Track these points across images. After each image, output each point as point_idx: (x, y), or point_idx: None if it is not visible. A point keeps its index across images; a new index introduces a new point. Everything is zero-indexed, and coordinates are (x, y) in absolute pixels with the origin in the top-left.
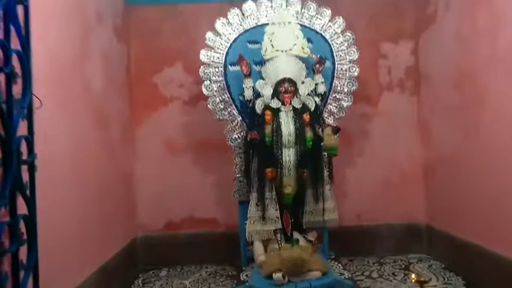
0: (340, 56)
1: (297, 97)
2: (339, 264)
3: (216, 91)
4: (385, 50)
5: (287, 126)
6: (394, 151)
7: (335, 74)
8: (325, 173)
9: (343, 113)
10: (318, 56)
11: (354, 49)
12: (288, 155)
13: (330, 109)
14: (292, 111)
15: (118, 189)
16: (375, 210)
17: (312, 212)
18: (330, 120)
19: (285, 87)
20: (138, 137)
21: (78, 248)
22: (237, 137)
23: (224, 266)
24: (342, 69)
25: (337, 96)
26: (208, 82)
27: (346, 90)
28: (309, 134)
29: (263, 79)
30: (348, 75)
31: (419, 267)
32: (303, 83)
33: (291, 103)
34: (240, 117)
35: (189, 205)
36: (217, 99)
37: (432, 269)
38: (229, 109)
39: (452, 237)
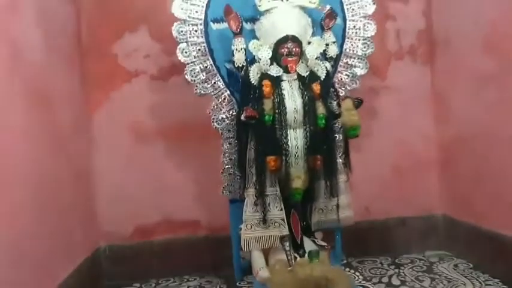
0: (353, 10)
1: (302, 62)
2: (356, 273)
3: (195, 57)
4: (394, 11)
5: (292, 100)
6: (405, 131)
7: (346, 34)
8: (339, 160)
9: (356, 83)
10: (329, 7)
11: (369, 1)
12: (295, 138)
13: (341, 78)
14: (297, 81)
15: (72, 190)
16: (384, 201)
17: (323, 209)
18: (341, 93)
19: (288, 48)
20: (96, 123)
21: (22, 272)
22: (224, 117)
23: (209, 277)
24: (354, 26)
25: (349, 62)
26: (184, 45)
27: (360, 53)
28: (320, 109)
29: (257, 39)
30: (362, 34)
31: (443, 268)
32: (309, 43)
33: (295, 70)
34: (228, 91)
35: (163, 205)
36: (197, 68)
37: (460, 270)
38: (213, 81)
39: (478, 230)
